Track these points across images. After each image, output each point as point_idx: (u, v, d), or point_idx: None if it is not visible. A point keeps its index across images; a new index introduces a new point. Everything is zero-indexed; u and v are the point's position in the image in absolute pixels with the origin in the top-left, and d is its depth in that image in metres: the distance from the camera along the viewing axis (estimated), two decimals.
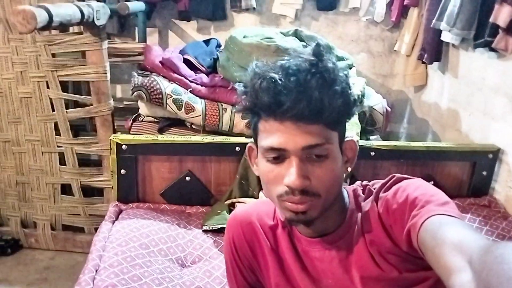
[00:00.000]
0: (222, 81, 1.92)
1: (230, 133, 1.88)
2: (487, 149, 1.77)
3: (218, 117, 1.87)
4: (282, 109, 0.68)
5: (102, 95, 1.95)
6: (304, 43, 1.96)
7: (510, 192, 1.72)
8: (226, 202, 1.64)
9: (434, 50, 2.11)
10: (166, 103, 1.84)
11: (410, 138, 2.55)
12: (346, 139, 0.78)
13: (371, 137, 2.07)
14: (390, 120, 2.19)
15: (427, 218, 0.64)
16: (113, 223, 1.51)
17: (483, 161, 1.78)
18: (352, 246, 0.78)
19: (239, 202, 1.62)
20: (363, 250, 0.77)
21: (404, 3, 2.30)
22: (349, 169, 0.79)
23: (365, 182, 0.85)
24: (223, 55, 1.96)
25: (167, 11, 2.52)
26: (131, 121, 1.97)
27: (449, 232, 0.59)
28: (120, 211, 1.60)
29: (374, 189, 0.80)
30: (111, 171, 1.62)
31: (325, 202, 0.73)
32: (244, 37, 1.89)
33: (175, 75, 1.90)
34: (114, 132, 1.99)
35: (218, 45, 2.19)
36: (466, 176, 1.82)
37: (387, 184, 0.77)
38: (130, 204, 1.65)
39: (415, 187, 0.72)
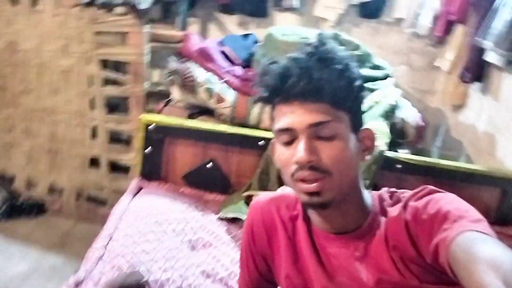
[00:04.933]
0: (255, 76, 1.93)
1: (257, 127, 1.89)
2: None
3: (247, 110, 1.88)
4: (287, 87, 0.73)
5: (138, 76, 2.01)
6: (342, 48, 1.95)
7: None
8: (244, 194, 1.65)
9: (476, 70, 2.05)
10: (198, 91, 1.87)
11: (441, 158, 2.47)
12: (362, 128, 0.79)
13: (399, 150, 2.03)
14: (423, 136, 2.14)
15: (459, 233, 0.63)
16: (133, 197, 1.56)
17: None
18: (371, 248, 0.77)
19: (257, 195, 1.63)
20: (384, 254, 0.76)
21: (451, 19, 2.24)
22: (368, 157, 0.80)
23: (392, 189, 0.84)
24: (260, 50, 1.98)
25: (210, 2, 2.57)
26: (163, 105, 2.01)
27: (483, 249, 0.58)
28: (141, 188, 1.65)
29: (403, 197, 0.79)
30: (137, 149, 1.66)
31: (340, 183, 0.73)
32: (282, 35, 1.90)
33: (210, 64, 1.93)
34: None
35: (256, 41, 2.21)
36: (494, 202, 1.76)
37: (419, 194, 0.75)
38: (152, 182, 1.69)
39: (448, 201, 0.70)
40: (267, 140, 1.65)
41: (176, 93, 1.95)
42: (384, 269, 0.75)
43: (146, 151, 1.64)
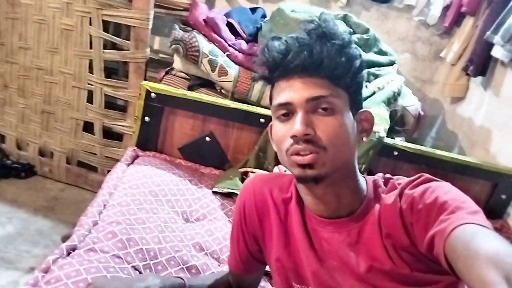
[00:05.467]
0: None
1: (257, 104, 1.86)
2: None
3: (249, 86, 1.85)
4: (286, 62, 0.74)
5: (140, 42, 1.95)
6: (351, 30, 1.92)
7: None
8: (240, 170, 1.65)
9: (481, 64, 2.04)
10: (201, 62, 1.83)
11: (435, 148, 2.49)
12: (362, 110, 0.80)
13: (396, 138, 2.03)
14: (421, 125, 2.15)
15: (458, 226, 0.62)
16: (128, 166, 1.54)
17: (505, 184, 1.74)
18: (364, 235, 0.77)
19: (253, 172, 1.62)
20: (377, 241, 0.75)
21: (461, 10, 2.22)
22: (365, 139, 0.80)
23: (387, 175, 0.83)
24: (267, 25, 1.94)
25: None
26: (164, 73, 1.97)
27: (483, 244, 0.58)
28: (137, 156, 1.63)
29: (399, 184, 0.78)
30: (136, 116, 1.63)
31: (334, 159, 0.73)
32: (292, 11, 1.87)
33: (216, 36, 1.89)
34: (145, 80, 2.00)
35: (264, 16, 2.16)
36: (484, 195, 1.79)
37: (415, 182, 0.75)
38: (147, 152, 1.67)
39: (445, 190, 0.69)
40: (268, 118, 1.64)
41: (178, 63, 1.90)
42: (376, 257, 0.75)
43: (145, 119, 1.61)
